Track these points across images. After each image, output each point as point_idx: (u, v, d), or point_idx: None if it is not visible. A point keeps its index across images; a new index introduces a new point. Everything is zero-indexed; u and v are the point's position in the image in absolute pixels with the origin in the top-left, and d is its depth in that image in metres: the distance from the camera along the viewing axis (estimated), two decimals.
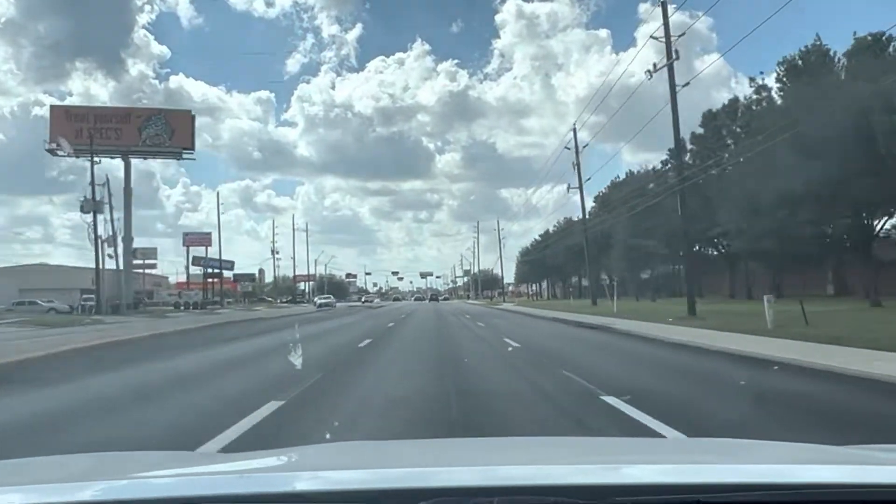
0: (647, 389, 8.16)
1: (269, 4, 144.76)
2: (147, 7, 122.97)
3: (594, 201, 66.74)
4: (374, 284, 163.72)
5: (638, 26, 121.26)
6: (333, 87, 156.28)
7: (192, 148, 59.10)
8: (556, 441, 3.46)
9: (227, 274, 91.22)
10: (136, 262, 59.80)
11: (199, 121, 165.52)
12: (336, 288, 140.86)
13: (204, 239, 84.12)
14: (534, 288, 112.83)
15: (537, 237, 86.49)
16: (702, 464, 1.83)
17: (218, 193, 77.76)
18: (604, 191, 66.33)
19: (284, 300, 79.69)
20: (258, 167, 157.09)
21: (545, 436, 5.46)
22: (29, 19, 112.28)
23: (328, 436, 5.53)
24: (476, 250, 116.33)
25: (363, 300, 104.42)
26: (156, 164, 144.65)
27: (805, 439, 2.39)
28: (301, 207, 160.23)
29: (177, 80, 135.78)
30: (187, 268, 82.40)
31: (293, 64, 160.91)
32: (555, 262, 76.71)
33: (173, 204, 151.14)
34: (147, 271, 71.03)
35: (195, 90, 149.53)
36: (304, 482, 1.58)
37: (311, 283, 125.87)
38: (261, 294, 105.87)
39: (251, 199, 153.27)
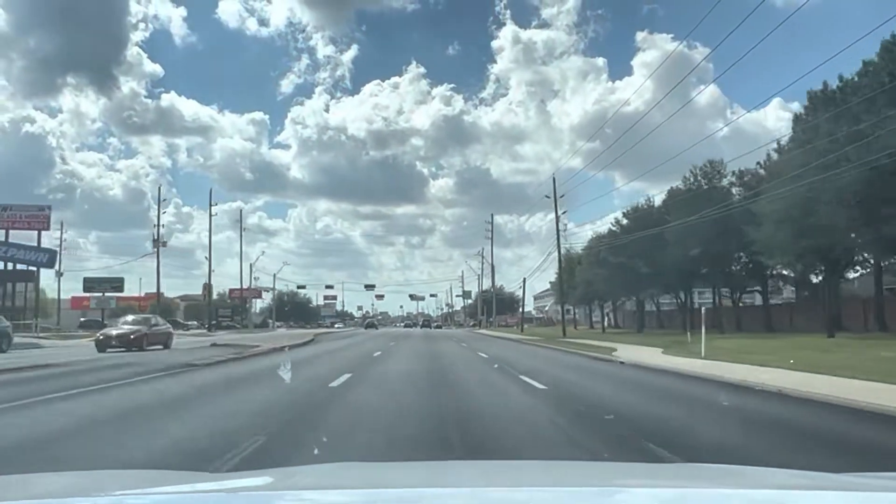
0: None
1: (263, 23, 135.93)
2: (141, 25, 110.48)
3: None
4: (359, 308, 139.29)
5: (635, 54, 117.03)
6: (327, 110, 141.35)
7: None
8: (551, 465, 3.17)
9: (47, 277, 57.23)
10: None
11: (189, 140, 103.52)
12: (299, 309, 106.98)
13: (36, 219, 50.05)
14: (573, 313, 77.88)
15: (611, 225, 49.62)
16: (692, 488, 1.75)
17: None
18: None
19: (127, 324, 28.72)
20: (250, 188, 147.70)
21: (542, 460, 5.02)
22: (20, 32, 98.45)
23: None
24: (490, 252, 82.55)
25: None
26: (146, 183, 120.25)
27: None
28: (293, 230, 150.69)
29: (168, 99, 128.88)
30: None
31: (287, 85, 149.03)
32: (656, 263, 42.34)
33: (163, 223, 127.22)
34: None
35: (187, 109, 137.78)
36: (287, 503, 1.53)
37: (257, 300, 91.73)
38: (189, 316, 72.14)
39: (243, 220, 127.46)
